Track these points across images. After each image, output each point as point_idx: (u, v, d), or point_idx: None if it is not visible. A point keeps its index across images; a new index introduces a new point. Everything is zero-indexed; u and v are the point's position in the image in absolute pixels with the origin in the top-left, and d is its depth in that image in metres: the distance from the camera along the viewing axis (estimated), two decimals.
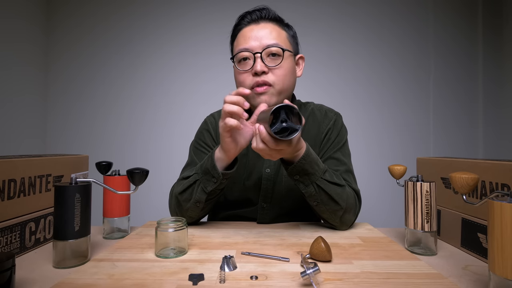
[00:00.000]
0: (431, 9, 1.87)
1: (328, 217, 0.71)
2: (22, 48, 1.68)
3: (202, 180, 0.69)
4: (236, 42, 0.79)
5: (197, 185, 0.70)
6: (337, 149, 0.81)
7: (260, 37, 0.74)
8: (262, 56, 0.73)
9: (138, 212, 1.28)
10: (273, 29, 0.76)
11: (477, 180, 0.48)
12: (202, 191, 0.69)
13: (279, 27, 0.78)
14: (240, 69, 0.76)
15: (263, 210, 0.80)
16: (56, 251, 0.52)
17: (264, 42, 0.74)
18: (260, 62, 0.73)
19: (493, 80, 1.85)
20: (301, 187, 0.68)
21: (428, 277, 0.47)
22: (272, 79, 0.74)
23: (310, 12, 1.86)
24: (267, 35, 0.74)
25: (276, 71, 0.74)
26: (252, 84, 0.74)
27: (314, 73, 1.86)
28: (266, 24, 0.76)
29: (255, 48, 0.74)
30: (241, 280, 0.45)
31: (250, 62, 0.74)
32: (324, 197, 0.68)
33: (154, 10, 1.88)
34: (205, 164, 0.69)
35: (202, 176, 0.69)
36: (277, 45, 0.74)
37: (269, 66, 0.73)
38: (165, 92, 1.88)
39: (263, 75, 0.73)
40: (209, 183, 0.68)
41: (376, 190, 1.81)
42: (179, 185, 0.74)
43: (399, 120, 1.87)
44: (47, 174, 0.67)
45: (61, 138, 1.88)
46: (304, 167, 0.65)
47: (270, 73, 0.74)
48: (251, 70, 0.74)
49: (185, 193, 0.71)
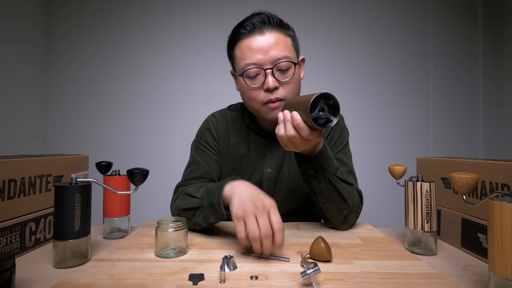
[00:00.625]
0: (431, 9, 1.87)
1: (332, 216, 0.70)
2: (22, 48, 1.68)
3: (206, 209, 0.65)
4: (239, 53, 0.74)
5: (199, 211, 0.66)
6: (339, 149, 0.81)
7: (267, 49, 0.70)
8: (273, 71, 0.70)
9: (138, 212, 1.28)
10: (279, 38, 0.72)
11: (477, 180, 0.48)
12: (204, 219, 0.66)
13: (284, 34, 0.74)
14: (251, 86, 0.72)
15: None
16: (56, 251, 0.52)
17: (272, 55, 0.70)
18: (272, 78, 0.70)
19: (493, 80, 1.85)
20: (314, 182, 0.67)
21: (428, 277, 0.47)
22: (284, 94, 0.72)
23: (310, 12, 1.86)
24: (275, 47, 0.70)
25: (288, 85, 0.72)
26: (265, 100, 0.72)
27: (314, 74, 1.86)
28: (271, 32, 0.72)
29: (264, 63, 0.70)
30: (241, 280, 0.45)
31: (260, 78, 0.72)
32: (334, 195, 0.68)
33: (154, 10, 1.88)
34: (211, 196, 0.64)
35: (207, 205, 0.65)
36: (286, 59, 0.71)
37: (280, 81, 0.71)
38: (165, 92, 1.88)
39: (274, 90, 0.71)
40: (212, 215, 0.65)
41: (376, 190, 1.81)
42: (183, 200, 0.71)
43: (399, 120, 1.87)
44: (47, 174, 0.67)
45: (61, 138, 1.88)
46: (320, 162, 0.64)
47: (281, 87, 0.72)
48: (262, 86, 0.71)
49: (188, 212, 0.69)
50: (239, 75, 0.75)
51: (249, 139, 0.84)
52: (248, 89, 0.74)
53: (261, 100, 0.73)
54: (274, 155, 0.82)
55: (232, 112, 0.90)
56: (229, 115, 0.89)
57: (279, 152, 0.82)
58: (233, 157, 0.84)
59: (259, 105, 0.74)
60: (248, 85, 0.73)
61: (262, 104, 0.73)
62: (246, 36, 0.72)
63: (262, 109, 0.74)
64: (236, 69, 0.77)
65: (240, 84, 0.77)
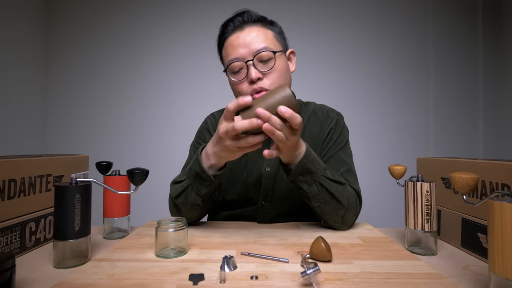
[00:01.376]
0: (431, 9, 1.87)
1: (329, 217, 0.70)
2: (22, 49, 1.68)
3: (194, 184, 0.68)
4: (224, 52, 0.78)
5: (190, 189, 0.69)
6: (339, 148, 0.82)
7: (248, 42, 0.73)
8: (254, 62, 0.73)
9: (138, 212, 1.28)
10: (259, 31, 0.74)
11: (477, 180, 0.48)
12: (197, 194, 0.68)
13: (264, 27, 0.76)
14: (235, 80, 0.75)
15: (263, 209, 0.80)
16: (56, 251, 0.52)
17: (253, 47, 0.72)
18: (253, 70, 0.72)
19: (493, 80, 1.85)
20: (305, 187, 0.67)
21: (428, 277, 0.46)
22: (268, 84, 0.73)
23: (312, 13, 1.86)
24: (255, 39, 0.73)
25: (271, 75, 0.74)
26: (250, 92, 0.74)
27: (315, 73, 1.86)
28: (250, 28, 0.75)
29: (246, 56, 0.73)
30: (241, 280, 0.45)
31: (243, 71, 0.74)
32: (327, 196, 0.68)
33: (155, 10, 1.88)
34: (193, 168, 0.67)
35: (193, 180, 0.68)
36: (266, 49, 0.73)
37: (263, 71, 0.73)
38: (166, 92, 1.88)
39: (258, 81, 0.73)
40: (201, 186, 0.67)
41: (376, 190, 1.81)
42: (173, 189, 0.73)
43: (399, 120, 1.87)
44: (47, 174, 0.67)
45: (61, 139, 1.88)
46: (306, 166, 0.65)
47: (265, 78, 0.74)
48: (247, 79, 0.74)
49: (180, 198, 0.71)
50: (224, 71, 0.79)
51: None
52: (234, 84, 0.77)
53: (246, 92, 0.74)
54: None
55: None
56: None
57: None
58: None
59: None
60: (233, 80, 0.76)
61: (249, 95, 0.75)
62: (229, 35, 0.76)
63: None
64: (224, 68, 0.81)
65: (229, 81, 0.80)
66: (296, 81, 1.81)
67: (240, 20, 0.76)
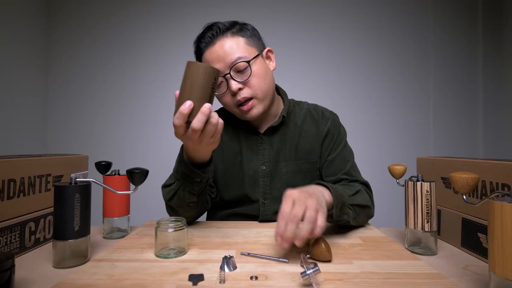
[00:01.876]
0: (431, 9, 1.87)
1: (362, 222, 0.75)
2: (22, 49, 1.68)
3: (185, 184, 0.67)
4: None
5: (182, 190, 0.68)
6: (341, 147, 0.84)
7: (222, 56, 0.73)
8: (231, 74, 0.73)
9: (138, 212, 1.27)
10: (229, 43, 0.74)
11: (477, 180, 0.48)
12: (190, 193, 0.68)
13: (234, 36, 0.76)
14: (218, 94, 0.77)
15: (264, 206, 0.81)
16: (55, 251, 0.52)
17: (227, 60, 0.73)
18: (232, 82, 0.73)
19: (493, 80, 1.85)
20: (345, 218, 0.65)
21: (428, 277, 0.46)
22: (251, 92, 0.75)
23: (312, 13, 1.86)
24: (227, 52, 0.73)
25: (250, 82, 0.75)
26: (235, 102, 0.76)
27: (314, 74, 1.86)
28: (221, 41, 0.75)
29: (223, 70, 0.74)
30: (241, 280, 0.45)
31: (224, 84, 0.75)
32: (359, 210, 0.70)
33: (155, 10, 1.88)
34: (180, 170, 0.67)
35: (183, 181, 0.67)
36: (240, 59, 0.73)
37: (242, 81, 0.74)
38: (166, 92, 1.88)
39: (240, 91, 0.74)
40: (193, 185, 0.67)
41: (376, 190, 1.78)
42: (164, 192, 0.73)
43: (399, 120, 1.87)
44: (47, 174, 0.67)
45: (61, 139, 1.88)
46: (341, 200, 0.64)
47: (246, 87, 0.75)
48: (229, 91, 0.75)
49: (174, 200, 0.71)
50: None
51: (240, 136, 0.85)
52: (218, 98, 0.78)
53: (232, 103, 0.77)
54: (266, 151, 0.83)
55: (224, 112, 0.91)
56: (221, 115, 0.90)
57: (272, 149, 0.83)
58: (226, 154, 0.85)
59: (234, 108, 0.78)
60: (216, 93, 0.77)
61: (235, 107, 0.77)
62: (203, 51, 0.77)
63: (238, 112, 0.78)
64: None
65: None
66: (296, 81, 1.83)
67: (209, 36, 0.76)
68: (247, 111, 0.76)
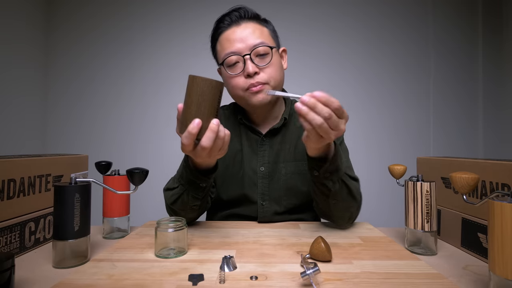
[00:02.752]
0: (431, 9, 1.87)
1: (340, 215, 0.70)
2: (21, 49, 1.68)
3: (190, 189, 0.67)
4: (220, 46, 0.78)
5: (186, 195, 0.68)
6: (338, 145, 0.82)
7: (245, 37, 0.74)
8: (251, 57, 0.73)
9: (138, 212, 1.27)
10: (255, 27, 0.76)
11: (477, 180, 0.48)
12: (194, 198, 0.68)
13: (260, 24, 0.78)
14: (231, 74, 0.76)
15: (262, 208, 0.81)
16: (55, 251, 0.52)
17: (249, 42, 0.73)
18: (250, 64, 0.73)
19: (493, 80, 1.85)
20: (330, 185, 0.64)
21: (428, 277, 0.46)
22: (265, 78, 0.74)
23: (312, 13, 1.86)
24: (251, 35, 0.74)
25: (267, 69, 0.75)
26: (246, 86, 0.75)
27: (315, 74, 1.86)
28: (247, 23, 0.76)
29: (243, 50, 0.74)
30: (241, 280, 0.45)
31: (240, 65, 0.75)
32: (345, 194, 0.67)
33: (155, 10, 1.88)
34: (185, 176, 0.66)
35: (188, 186, 0.67)
36: (263, 44, 0.74)
37: (260, 66, 0.74)
38: (166, 92, 1.88)
39: (255, 75, 0.74)
40: (198, 190, 0.67)
41: (376, 190, 1.80)
42: (167, 195, 0.73)
43: (399, 120, 1.87)
44: (47, 174, 0.67)
45: (61, 139, 1.88)
46: (337, 163, 0.63)
47: (261, 72, 0.74)
48: (243, 73, 0.74)
49: (177, 204, 0.71)
50: (220, 65, 0.79)
51: (241, 135, 0.85)
52: (229, 77, 0.77)
53: (243, 86, 0.75)
54: (266, 152, 0.83)
55: (225, 111, 0.92)
56: (222, 114, 0.91)
57: (272, 150, 0.83)
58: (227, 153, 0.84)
59: (241, 91, 0.76)
60: (229, 73, 0.76)
61: (244, 90, 0.75)
62: (225, 30, 0.77)
63: (245, 95, 0.76)
64: (218, 62, 0.81)
65: (223, 75, 0.80)
66: (296, 81, 1.82)
67: (237, 15, 0.76)
68: (255, 93, 0.74)
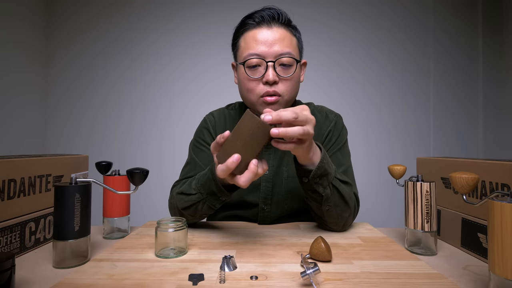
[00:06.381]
0: (431, 9, 1.87)
1: (333, 221, 0.69)
2: (21, 48, 1.68)
3: (208, 199, 0.66)
4: (243, 43, 0.74)
5: (202, 204, 0.67)
6: (336, 149, 0.81)
7: (272, 43, 0.70)
8: (274, 65, 0.71)
9: (138, 212, 1.28)
10: (285, 35, 0.72)
11: (477, 180, 0.48)
12: (209, 208, 0.67)
13: (291, 33, 0.74)
14: (250, 76, 0.72)
15: (263, 212, 0.79)
16: (56, 251, 0.52)
17: (276, 49, 0.70)
18: (272, 72, 0.70)
19: (493, 80, 1.85)
20: (320, 190, 0.63)
21: (428, 277, 0.46)
22: (282, 90, 0.72)
23: (311, 12, 1.86)
24: (280, 42, 0.71)
25: (287, 81, 0.72)
26: (262, 93, 0.72)
27: (314, 74, 1.86)
28: (278, 28, 0.72)
29: (267, 56, 0.71)
30: (241, 280, 0.45)
31: (260, 69, 0.72)
32: (337, 199, 0.66)
33: (154, 10, 1.88)
34: (208, 186, 0.65)
35: (207, 196, 0.66)
36: (290, 55, 0.71)
37: (281, 76, 0.72)
38: (166, 92, 1.88)
39: (274, 84, 0.71)
40: (216, 202, 0.66)
41: (376, 190, 1.81)
42: (180, 200, 0.71)
43: (399, 120, 1.87)
44: (47, 174, 0.67)
45: (61, 138, 1.88)
46: (325, 167, 0.62)
47: (280, 83, 0.72)
48: (261, 79, 0.72)
49: (190, 210, 0.69)
50: (240, 63, 0.75)
51: None
52: (247, 79, 0.73)
53: (258, 92, 0.73)
54: (271, 156, 0.82)
55: (230, 111, 0.90)
56: (227, 114, 0.90)
57: (277, 153, 0.82)
58: None
59: (255, 97, 0.74)
60: (248, 75, 0.73)
61: (259, 96, 0.73)
62: (254, 27, 0.73)
63: (258, 102, 0.74)
64: (238, 59, 0.77)
65: (240, 74, 0.77)
66: None
67: (270, 16, 0.72)
68: (269, 104, 0.72)
